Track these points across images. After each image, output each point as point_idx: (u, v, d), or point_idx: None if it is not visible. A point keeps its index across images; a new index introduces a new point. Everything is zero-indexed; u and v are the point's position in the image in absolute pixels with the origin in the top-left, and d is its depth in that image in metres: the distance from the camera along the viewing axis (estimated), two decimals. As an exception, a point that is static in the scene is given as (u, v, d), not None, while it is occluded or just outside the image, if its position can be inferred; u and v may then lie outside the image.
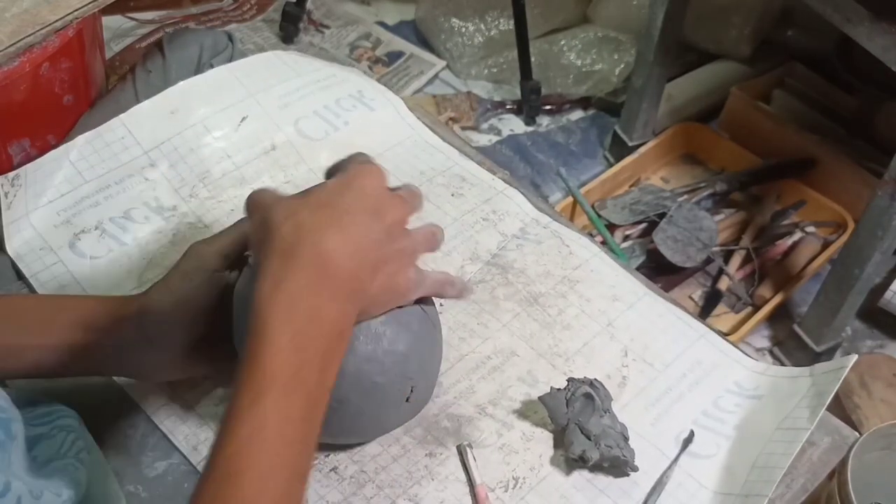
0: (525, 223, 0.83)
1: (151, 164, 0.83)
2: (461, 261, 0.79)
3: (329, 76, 0.93)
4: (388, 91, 0.95)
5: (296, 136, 0.88)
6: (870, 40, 1.17)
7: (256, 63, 0.91)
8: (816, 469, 0.68)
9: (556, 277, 0.79)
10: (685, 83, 1.91)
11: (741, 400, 0.72)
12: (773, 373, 0.73)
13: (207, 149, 0.84)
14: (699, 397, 0.72)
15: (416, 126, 0.92)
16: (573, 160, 1.84)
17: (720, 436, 0.69)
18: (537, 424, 0.69)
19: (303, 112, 0.89)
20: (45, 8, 0.81)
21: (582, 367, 0.73)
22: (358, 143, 0.88)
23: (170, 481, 0.64)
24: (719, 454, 0.68)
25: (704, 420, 0.70)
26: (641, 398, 0.71)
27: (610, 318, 0.76)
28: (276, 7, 2.06)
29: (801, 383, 0.70)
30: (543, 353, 0.73)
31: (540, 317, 0.76)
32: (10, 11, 0.81)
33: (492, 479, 0.65)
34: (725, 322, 1.53)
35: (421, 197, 0.60)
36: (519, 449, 0.68)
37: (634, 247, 1.59)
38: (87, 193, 0.81)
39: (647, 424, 0.70)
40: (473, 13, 1.96)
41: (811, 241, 1.62)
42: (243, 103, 0.87)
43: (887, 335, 1.57)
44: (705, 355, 0.75)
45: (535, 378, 0.72)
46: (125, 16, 1.95)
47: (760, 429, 0.68)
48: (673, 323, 0.77)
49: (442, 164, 0.89)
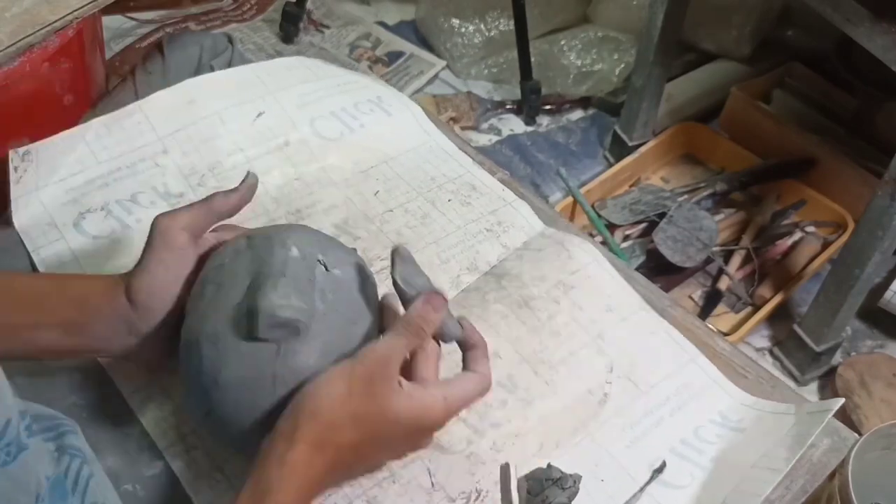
0: (530, 238, 0.82)
1: (164, 150, 0.83)
2: (458, 270, 0.78)
3: (350, 82, 0.94)
4: (407, 99, 0.95)
5: (310, 134, 0.88)
6: (870, 40, 1.17)
7: (279, 65, 0.92)
8: (816, 470, 0.68)
9: (552, 281, 0.77)
10: (685, 83, 1.91)
11: (723, 431, 0.69)
12: (759, 406, 0.71)
13: (221, 140, 0.85)
14: (680, 424, 0.69)
15: (432, 132, 0.92)
16: (573, 160, 1.84)
17: (696, 466, 0.67)
18: (509, 435, 0.67)
19: (320, 112, 0.89)
20: (45, 8, 0.82)
21: (565, 377, 0.70)
22: (372, 146, 0.88)
23: (167, 481, 0.64)
24: (692, 485, 0.65)
25: (682, 448, 0.68)
26: (620, 418, 0.69)
27: (600, 330, 0.74)
28: (276, 7, 2.06)
29: (785, 421, 0.68)
30: (527, 358, 0.71)
31: (529, 320, 0.73)
32: (10, 11, 0.81)
33: (454, 489, 0.64)
34: (725, 322, 1.53)
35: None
36: (487, 460, 0.65)
37: (634, 247, 1.59)
38: (99, 174, 0.81)
39: (622, 447, 0.67)
40: (473, 13, 1.96)
41: (811, 241, 1.62)
42: (262, 99, 0.88)
43: (887, 335, 1.57)
44: (693, 380, 0.72)
45: (515, 384, 0.69)
46: (125, 16, 1.95)
47: (737, 464, 0.65)
48: (665, 342, 0.74)
49: (454, 171, 0.88)
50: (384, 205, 0.83)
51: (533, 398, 0.69)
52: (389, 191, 0.85)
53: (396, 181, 0.86)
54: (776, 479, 0.62)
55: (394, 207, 0.83)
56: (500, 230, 0.82)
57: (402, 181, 0.86)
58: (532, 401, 0.68)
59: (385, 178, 0.86)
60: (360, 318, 0.61)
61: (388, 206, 0.83)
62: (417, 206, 0.84)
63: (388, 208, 0.83)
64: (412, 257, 0.62)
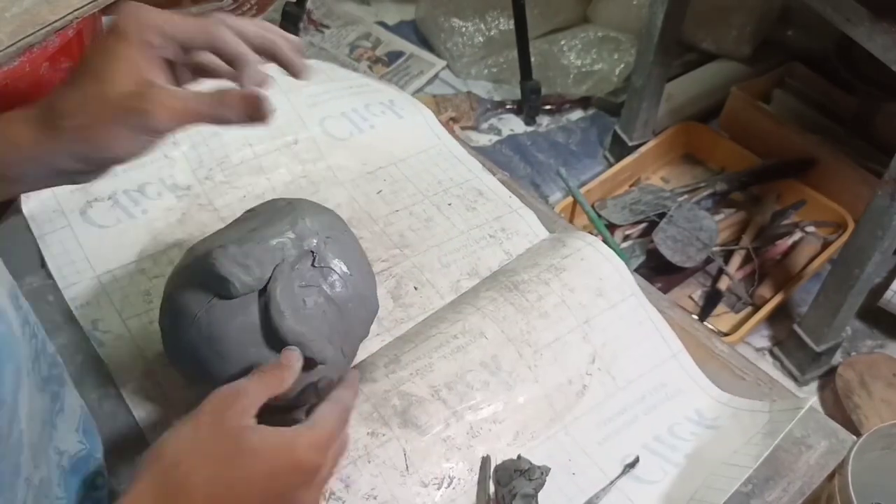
0: (532, 244, 0.82)
1: (174, 142, 0.84)
2: (459, 275, 0.78)
3: (363, 84, 0.95)
4: (420, 104, 0.96)
5: (320, 133, 0.88)
6: (870, 40, 1.17)
7: None
8: (814, 472, 0.68)
9: (543, 266, 0.76)
10: (685, 83, 1.91)
11: (698, 429, 0.69)
12: (735, 404, 0.71)
13: (230, 135, 0.85)
14: (655, 421, 0.69)
15: (442, 136, 0.92)
16: (573, 160, 1.84)
17: (669, 463, 0.67)
18: (487, 421, 0.66)
19: (330, 112, 0.90)
20: (45, 8, 0.82)
21: (548, 363, 0.70)
22: (381, 147, 0.89)
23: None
24: (664, 481, 0.66)
25: (655, 445, 0.68)
26: (595, 413, 0.69)
27: (588, 315, 0.73)
28: (276, 7, 2.06)
29: (759, 419, 0.68)
30: (513, 339, 0.70)
31: (517, 301, 0.73)
32: (10, 11, 0.81)
33: (428, 474, 0.63)
34: (725, 322, 1.53)
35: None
36: (462, 445, 0.65)
37: (634, 247, 1.59)
38: None
39: (595, 442, 0.67)
40: (473, 13, 1.96)
41: (811, 241, 1.62)
42: (273, 98, 0.87)
43: (887, 335, 1.57)
44: (671, 378, 0.72)
45: (499, 365, 0.69)
46: (125, 15, 1.95)
47: (709, 461, 0.66)
48: (649, 335, 0.74)
49: (462, 175, 0.88)
50: (389, 206, 0.84)
51: (515, 382, 0.68)
52: (396, 192, 0.85)
53: (404, 183, 0.86)
54: (743, 476, 0.62)
55: (399, 209, 0.83)
56: (503, 237, 0.82)
57: (409, 183, 0.86)
58: (514, 385, 0.68)
59: (392, 180, 0.86)
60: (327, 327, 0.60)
61: (394, 207, 0.83)
62: (422, 209, 0.84)
63: (394, 209, 0.83)
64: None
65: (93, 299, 0.74)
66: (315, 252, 0.60)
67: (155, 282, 0.75)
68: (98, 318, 0.72)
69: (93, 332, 0.72)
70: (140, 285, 0.75)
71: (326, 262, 0.61)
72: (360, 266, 0.63)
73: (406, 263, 0.78)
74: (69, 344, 0.71)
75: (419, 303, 0.75)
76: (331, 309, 0.60)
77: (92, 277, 0.75)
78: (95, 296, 0.74)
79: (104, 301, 0.74)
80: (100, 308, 0.73)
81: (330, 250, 0.61)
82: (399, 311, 0.75)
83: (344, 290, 0.61)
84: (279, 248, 0.59)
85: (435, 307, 0.75)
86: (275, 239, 0.59)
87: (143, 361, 0.70)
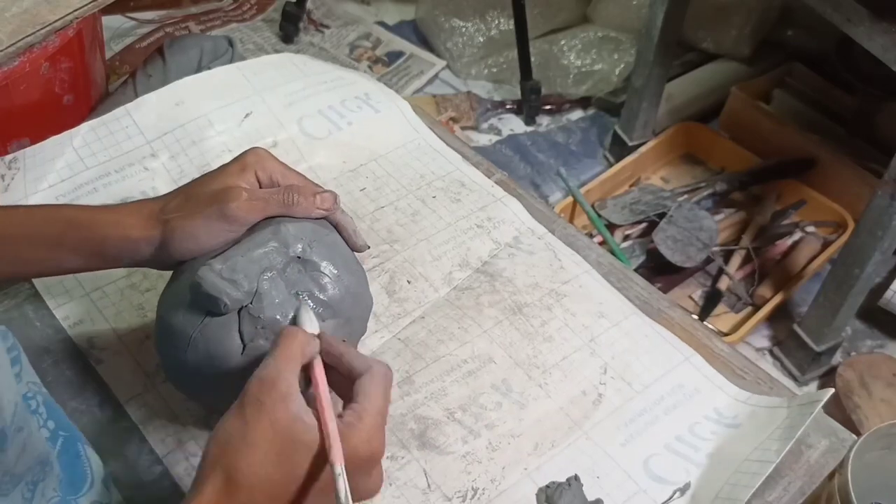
0: (520, 232, 0.82)
1: (153, 153, 0.83)
2: (450, 266, 0.78)
3: (337, 78, 0.94)
4: (395, 95, 0.95)
5: (298, 133, 0.88)
6: (870, 40, 1.17)
7: (266, 63, 0.92)
8: (814, 472, 0.68)
9: (544, 290, 0.77)
10: (685, 83, 1.91)
11: (718, 428, 0.69)
12: (754, 402, 0.71)
13: (209, 142, 0.84)
14: (675, 422, 0.69)
15: (420, 129, 0.92)
16: (573, 160, 1.84)
17: (691, 463, 0.67)
18: (505, 435, 0.67)
19: (307, 111, 0.89)
20: (45, 8, 0.82)
21: (559, 380, 0.71)
22: (361, 144, 0.88)
23: (167, 485, 0.64)
24: (687, 482, 0.66)
25: (677, 445, 0.68)
26: (615, 417, 0.69)
27: (593, 334, 0.74)
28: (276, 7, 2.06)
29: (778, 414, 0.68)
30: (521, 363, 0.72)
31: (522, 326, 0.74)
32: (10, 11, 0.81)
33: (450, 489, 0.64)
34: (725, 322, 1.53)
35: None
36: (483, 459, 0.66)
37: (634, 247, 1.59)
38: (87, 180, 0.81)
39: (618, 444, 0.68)
40: (473, 13, 1.96)
41: (811, 240, 1.62)
42: (249, 100, 0.87)
43: (887, 335, 1.57)
44: (688, 379, 0.72)
45: (510, 387, 0.70)
46: (125, 16, 1.96)
47: (731, 459, 0.66)
48: (658, 344, 0.74)
49: (443, 168, 0.88)
50: (374, 203, 0.84)
51: (527, 401, 0.69)
52: (379, 189, 0.85)
53: (386, 179, 0.86)
54: (767, 471, 0.62)
55: (384, 205, 0.83)
56: (490, 226, 0.83)
57: (391, 179, 0.86)
58: (526, 404, 0.69)
59: (375, 177, 0.86)
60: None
61: (379, 203, 0.83)
62: (407, 204, 0.84)
63: (379, 206, 0.83)
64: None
65: (85, 317, 0.73)
66: (301, 257, 0.60)
67: (147, 295, 0.74)
68: (93, 335, 0.72)
69: (90, 350, 0.71)
70: (132, 300, 0.74)
71: (314, 265, 0.61)
72: (348, 265, 0.63)
73: (397, 258, 0.79)
74: (60, 360, 0.70)
75: (414, 297, 0.76)
76: (326, 312, 0.60)
77: (82, 295, 0.74)
78: (88, 313, 0.73)
79: (97, 318, 0.73)
80: (93, 325, 0.72)
81: (316, 253, 0.61)
82: (395, 306, 0.75)
83: (336, 290, 0.61)
84: (265, 257, 0.59)
85: (430, 300, 0.76)
86: (259, 249, 0.59)
87: (143, 376, 0.69)
